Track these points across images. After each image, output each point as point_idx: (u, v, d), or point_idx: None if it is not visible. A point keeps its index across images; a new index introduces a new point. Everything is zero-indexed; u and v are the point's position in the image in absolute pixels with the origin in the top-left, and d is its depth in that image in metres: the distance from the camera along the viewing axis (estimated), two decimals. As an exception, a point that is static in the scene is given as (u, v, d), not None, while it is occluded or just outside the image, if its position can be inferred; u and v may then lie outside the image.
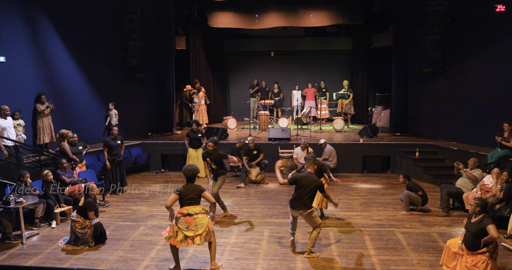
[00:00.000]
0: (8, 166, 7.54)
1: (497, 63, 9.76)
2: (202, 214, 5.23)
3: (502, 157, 8.05)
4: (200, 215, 5.19)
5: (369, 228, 6.89)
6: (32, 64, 9.44)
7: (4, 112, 7.84)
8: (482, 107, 10.09)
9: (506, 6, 9.33)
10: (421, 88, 12.03)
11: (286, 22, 13.83)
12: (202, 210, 5.24)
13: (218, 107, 15.86)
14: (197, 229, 5.15)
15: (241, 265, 5.59)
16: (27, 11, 9.29)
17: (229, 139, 11.68)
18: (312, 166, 5.91)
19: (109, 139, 8.89)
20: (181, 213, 5.17)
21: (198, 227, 5.15)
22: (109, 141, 8.86)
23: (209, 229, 5.26)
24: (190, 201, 5.18)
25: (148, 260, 5.76)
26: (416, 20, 11.79)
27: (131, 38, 11.95)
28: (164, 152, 11.38)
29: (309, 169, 5.89)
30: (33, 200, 6.69)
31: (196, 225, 5.14)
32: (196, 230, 5.14)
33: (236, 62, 16.45)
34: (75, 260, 5.80)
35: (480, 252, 4.84)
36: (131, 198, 8.80)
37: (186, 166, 5.38)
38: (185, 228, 5.13)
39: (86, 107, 11.04)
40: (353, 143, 10.93)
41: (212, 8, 13.81)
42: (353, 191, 9.19)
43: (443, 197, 7.60)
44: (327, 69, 16.00)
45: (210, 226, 5.28)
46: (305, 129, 13.45)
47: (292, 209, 5.78)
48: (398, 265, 5.55)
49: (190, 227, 5.13)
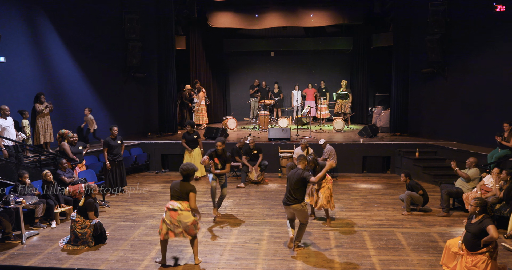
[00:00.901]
0: (8, 166, 7.54)
1: (497, 63, 9.76)
2: (187, 212, 5.36)
3: (502, 157, 8.06)
4: (185, 212, 5.34)
5: (369, 228, 6.89)
6: (32, 64, 9.44)
7: (4, 112, 7.84)
8: (482, 107, 10.10)
9: (506, 6, 9.33)
10: (421, 88, 12.03)
11: (286, 22, 13.83)
12: (188, 208, 5.36)
13: (218, 107, 15.86)
14: (180, 225, 5.36)
15: (241, 265, 5.59)
16: (27, 11, 9.29)
17: (229, 139, 11.67)
18: (302, 162, 6.00)
19: (109, 139, 8.89)
20: (167, 208, 5.39)
21: (181, 223, 5.35)
22: (109, 141, 8.86)
23: (192, 225, 5.40)
24: (177, 195, 5.41)
25: (148, 260, 5.76)
26: (416, 20, 11.79)
27: (131, 38, 11.95)
28: (164, 152, 11.38)
29: (300, 165, 5.99)
30: (33, 200, 6.69)
31: (179, 221, 5.34)
32: (179, 225, 5.35)
33: (236, 62, 16.45)
34: (75, 260, 5.80)
35: (480, 252, 4.85)
36: (131, 198, 8.80)
37: (183, 165, 5.58)
38: (168, 221, 5.36)
39: (86, 107, 11.02)
40: (353, 143, 10.93)
41: (212, 8, 13.81)
42: (353, 191, 9.19)
43: (443, 197, 7.60)
44: (327, 69, 16.00)
45: (193, 224, 5.42)
46: (305, 129, 13.45)
47: (284, 205, 5.92)
48: (398, 265, 5.55)
49: (173, 222, 5.35)
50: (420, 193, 7.56)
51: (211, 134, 11.62)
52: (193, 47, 14.71)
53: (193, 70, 14.81)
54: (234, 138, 11.80)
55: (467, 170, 7.65)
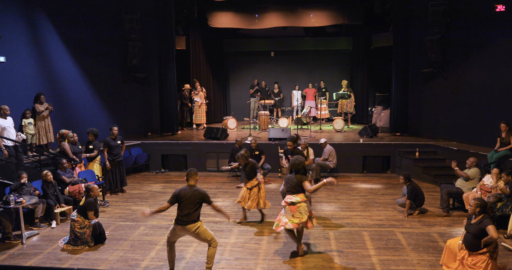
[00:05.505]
0: (8, 166, 7.54)
1: (497, 63, 9.75)
2: (304, 204, 5.65)
3: (502, 157, 8.06)
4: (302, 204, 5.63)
5: (369, 228, 6.89)
6: (32, 64, 9.44)
7: (4, 112, 7.83)
8: (482, 107, 10.09)
9: (506, 6, 9.33)
10: (421, 88, 12.03)
11: (286, 22, 13.83)
12: (304, 199, 5.65)
13: (218, 107, 15.85)
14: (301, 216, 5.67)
15: (241, 265, 5.60)
16: (27, 11, 9.29)
17: (229, 139, 11.67)
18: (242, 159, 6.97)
19: (109, 139, 8.90)
20: (286, 202, 5.72)
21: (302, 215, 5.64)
22: (109, 141, 8.86)
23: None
24: (292, 190, 5.71)
25: (148, 260, 5.76)
26: (416, 20, 11.78)
27: (131, 38, 11.95)
28: (164, 152, 11.38)
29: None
30: (33, 200, 6.69)
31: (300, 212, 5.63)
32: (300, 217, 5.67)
33: (236, 62, 16.44)
34: (75, 260, 5.80)
35: (481, 252, 4.85)
36: (131, 198, 8.80)
37: (295, 159, 5.75)
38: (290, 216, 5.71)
39: (86, 107, 11.05)
40: (353, 143, 10.93)
41: (212, 8, 13.81)
42: (353, 191, 9.19)
43: (443, 197, 7.60)
44: (327, 69, 15.99)
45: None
46: (305, 129, 13.45)
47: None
48: (398, 265, 5.55)
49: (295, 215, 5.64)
50: (404, 199, 7.51)
51: (211, 134, 11.62)
52: (193, 47, 14.71)
53: (193, 70, 14.81)
54: (234, 138, 11.78)
55: (467, 170, 7.65)
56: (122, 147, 9.11)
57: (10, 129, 7.88)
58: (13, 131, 7.97)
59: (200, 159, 11.20)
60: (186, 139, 11.67)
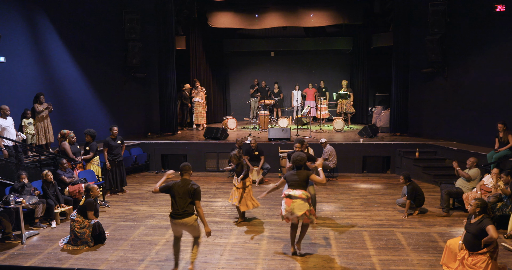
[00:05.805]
0: (8, 166, 7.54)
1: (497, 63, 9.75)
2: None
3: (502, 157, 8.06)
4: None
5: (369, 228, 6.89)
6: (32, 64, 9.44)
7: (4, 112, 7.83)
8: (482, 107, 10.09)
9: (506, 6, 9.33)
10: (421, 88, 12.03)
11: (286, 22, 13.83)
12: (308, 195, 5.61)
13: (218, 107, 15.86)
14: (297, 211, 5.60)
15: (241, 265, 5.60)
16: (27, 11, 9.29)
17: (229, 139, 11.68)
18: (234, 159, 7.07)
19: (109, 139, 8.90)
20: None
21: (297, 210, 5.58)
22: (109, 141, 8.86)
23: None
24: (296, 185, 5.69)
25: (148, 260, 5.76)
26: (416, 20, 11.80)
27: (131, 38, 11.95)
28: (164, 152, 11.38)
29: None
30: (33, 200, 6.69)
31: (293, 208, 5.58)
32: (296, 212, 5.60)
33: (236, 62, 16.45)
34: (75, 260, 5.80)
35: (481, 252, 4.85)
36: (131, 198, 8.80)
37: (296, 155, 5.75)
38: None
39: (86, 107, 11.05)
40: (353, 143, 10.93)
41: (212, 8, 13.81)
42: (353, 191, 9.19)
43: (443, 197, 7.60)
44: (327, 69, 16.00)
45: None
46: (305, 129, 13.45)
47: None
48: (398, 265, 5.55)
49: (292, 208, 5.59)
50: (404, 199, 7.51)
51: (211, 134, 11.62)
52: (193, 47, 14.71)
53: (193, 70, 14.81)
54: (234, 138, 11.78)
55: (468, 171, 7.65)
56: (122, 147, 9.11)
57: (10, 129, 7.87)
58: (13, 131, 7.96)
59: (200, 159, 11.20)
60: (186, 139, 11.67)
